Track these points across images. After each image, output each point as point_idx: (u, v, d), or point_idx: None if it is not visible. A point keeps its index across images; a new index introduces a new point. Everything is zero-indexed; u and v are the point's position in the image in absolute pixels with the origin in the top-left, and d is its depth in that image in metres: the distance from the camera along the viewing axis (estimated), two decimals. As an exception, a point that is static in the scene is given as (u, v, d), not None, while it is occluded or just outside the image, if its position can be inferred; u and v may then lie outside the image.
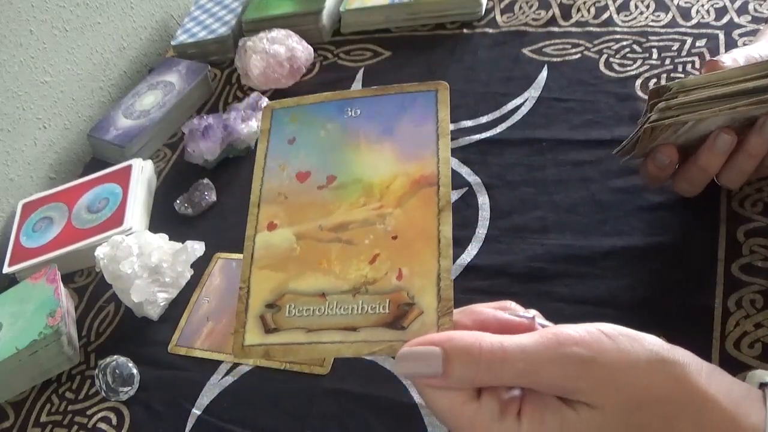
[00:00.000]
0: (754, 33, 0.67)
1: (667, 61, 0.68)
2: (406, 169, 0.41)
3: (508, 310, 0.38)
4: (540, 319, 0.37)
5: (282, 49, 0.83)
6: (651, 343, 0.34)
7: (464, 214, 0.62)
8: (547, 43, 0.76)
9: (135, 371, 0.61)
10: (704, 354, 0.44)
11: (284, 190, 0.42)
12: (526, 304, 0.55)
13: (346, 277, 0.38)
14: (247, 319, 0.38)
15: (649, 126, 0.48)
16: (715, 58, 0.50)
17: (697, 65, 0.66)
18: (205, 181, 0.77)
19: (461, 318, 0.37)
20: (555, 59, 0.74)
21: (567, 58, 0.73)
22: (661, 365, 0.34)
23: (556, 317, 0.53)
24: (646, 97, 0.61)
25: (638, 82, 0.67)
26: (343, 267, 0.39)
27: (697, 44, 0.68)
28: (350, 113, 0.44)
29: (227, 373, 0.59)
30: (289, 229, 0.41)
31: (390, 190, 0.41)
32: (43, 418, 0.62)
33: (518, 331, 0.36)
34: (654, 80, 0.67)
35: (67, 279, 0.73)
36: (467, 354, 0.34)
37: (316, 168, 0.43)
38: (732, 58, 0.50)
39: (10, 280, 0.74)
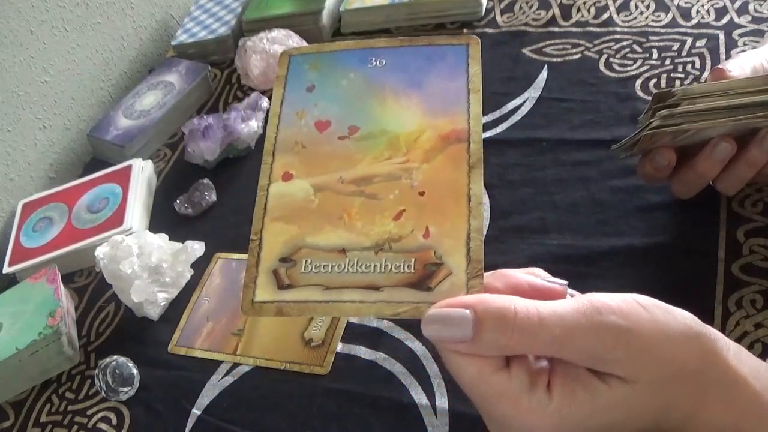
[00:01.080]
0: (754, 33, 0.67)
1: (667, 61, 0.68)
2: (435, 124, 0.39)
3: (538, 276, 0.36)
4: (569, 290, 0.36)
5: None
6: (683, 316, 0.34)
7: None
8: (548, 43, 0.76)
9: (135, 371, 0.61)
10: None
11: (301, 139, 0.40)
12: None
13: (368, 233, 0.36)
14: (258, 273, 0.36)
15: (648, 133, 0.48)
16: (721, 66, 0.50)
17: (697, 65, 0.66)
18: (205, 181, 0.77)
19: (492, 281, 0.35)
20: (555, 59, 0.74)
21: (567, 58, 0.73)
22: (695, 339, 0.33)
23: (556, 317, 0.53)
24: (648, 97, 0.61)
25: (638, 82, 0.67)
26: (365, 222, 0.37)
27: (697, 44, 0.68)
28: (375, 63, 0.42)
29: (227, 373, 0.59)
30: (306, 180, 0.39)
31: (417, 144, 0.39)
32: (43, 418, 0.62)
33: (550, 297, 0.34)
34: (654, 80, 0.67)
35: (67, 279, 0.73)
36: (501, 318, 0.32)
37: (338, 117, 0.40)
38: (739, 66, 0.50)
39: (10, 280, 0.74)
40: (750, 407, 0.33)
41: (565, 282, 0.35)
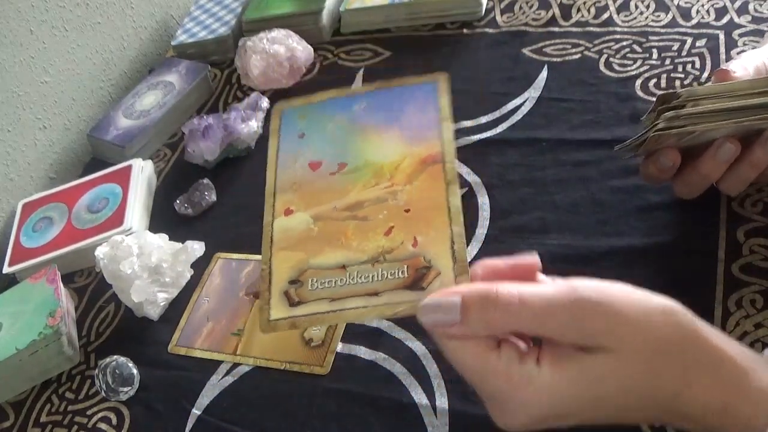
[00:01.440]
0: (754, 33, 0.67)
1: (667, 61, 0.68)
2: (413, 151, 0.44)
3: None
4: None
5: (282, 49, 0.83)
6: (661, 298, 0.36)
7: (464, 214, 0.62)
8: (547, 43, 0.76)
9: (135, 371, 0.61)
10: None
11: (298, 180, 0.45)
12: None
13: (363, 250, 0.41)
14: (271, 296, 0.41)
15: (654, 135, 0.48)
16: (725, 68, 0.50)
17: (697, 65, 0.66)
18: (205, 181, 0.77)
19: (475, 269, 0.39)
20: (555, 59, 0.74)
21: (567, 58, 0.73)
22: (675, 317, 0.35)
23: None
24: (648, 97, 0.62)
25: (638, 82, 0.67)
26: (360, 241, 0.41)
27: (697, 44, 0.68)
28: (356, 108, 0.47)
29: (227, 373, 0.59)
30: (305, 213, 0.44)
31: (399, 170, 0.44)
32: (43, 418, 0.62)
33: (527, 273, 0.38)
34: (654, 80, 0.67)
35: (67, 279, 0.73)
36: (484, 298, 0.35)
37: (328, 157, 0.46)
38: (742, 67, 0.50)
39: (10, 280, 0.74)
40: (737, 385, 0.35)
41: (534, 251, 0.39)
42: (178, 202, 0.76)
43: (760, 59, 0.51)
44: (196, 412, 0.57)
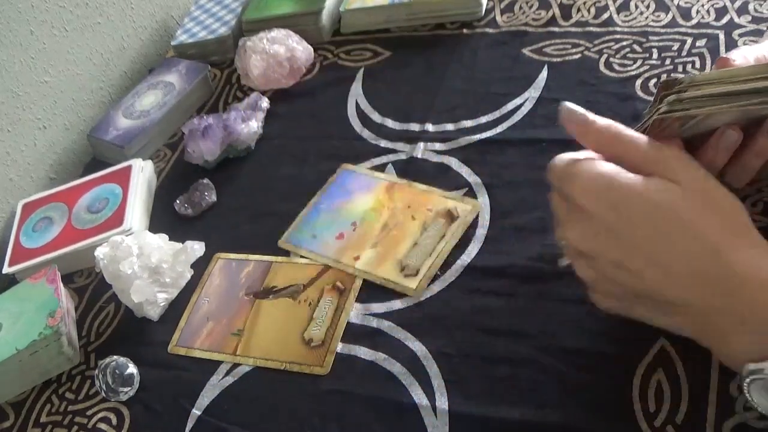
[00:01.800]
0: (754, 33, 0.67)
1: (667, 61, 0.68)
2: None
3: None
4: None
5: (282, 49, 0.83)
6: None
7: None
8: (548, 43, 0.76)
9: (135, 371, 0.61)
10: (704, 353, 0.44)
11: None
12: (527, 304, 0.55)
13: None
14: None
15: (658, 118, 0.48)
16: (725, 56, 0.50)
17: (697, 65, 0.66)
18: (205, 181, 0.77)
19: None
20: (555, 59, 0.74)
21: (567, 58, 0.73)
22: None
23: (556, 317, 0.53)
24: (648, 97, 0.61)
25: (638, 82, 0.67)
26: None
27: (697, 44, 0.68)
28: (322, 206, 0.70)
29: (227, 374, 0.59)
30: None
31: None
32: (43, 419, 0.62)
33: None
34: (654, 80, 0.67)
35: (67, 279, 0.73)
36: (584, 120, 0.46)
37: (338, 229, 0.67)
38: (742, 56, 0.50)
39: (10, 280, 0.74)
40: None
41: None
42: (178, 202, 0.76)
43: (760, 52, 0.51)
44: (196, 412, 0.57)
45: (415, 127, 0.73)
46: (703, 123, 0.48)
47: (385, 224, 0.64)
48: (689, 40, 0.69)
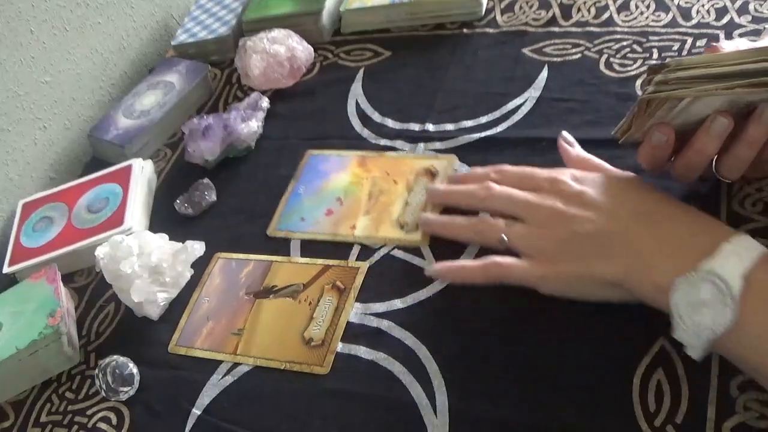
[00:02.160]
0: (754, 33, 0.67)
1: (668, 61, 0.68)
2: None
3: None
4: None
5: (282, 49, 0.83)
6: None
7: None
8: (548, 43, 0.76)
9: (135, 371, 0.61)
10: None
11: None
12: (526, 304, 0.55)
13: None
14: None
15: (645, 98, 0.48)
16: (715, 44, 0.51)
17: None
18: (205, 181, 0.77)
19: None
20: (555, 59, 0.74)
21: (567, 58, 0.73)
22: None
23: (556, 316, 0.53)
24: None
25: (638, 82, 0.67)
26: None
27: (698, 44, 0.68)
28: (301, 190, 0.72)
29: (227, 373, 0.59)
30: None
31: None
32: (43, 418, 0.62)
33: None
34: (654, 80, 0.67)
35: (67, 279, 0.73)
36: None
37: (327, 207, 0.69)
38: (735, 46, 0.50)
39: (10, 280, 0.74)
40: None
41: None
42: (178, 202, 0.76)
43: (751, 45, 0.51)
44: (196, 411, 0.57)
45: (415, 126, 0.73)
46: (693, 108, 0.48)
47: (370, 193, 0.67)
48: (689, 40, 0.69)
